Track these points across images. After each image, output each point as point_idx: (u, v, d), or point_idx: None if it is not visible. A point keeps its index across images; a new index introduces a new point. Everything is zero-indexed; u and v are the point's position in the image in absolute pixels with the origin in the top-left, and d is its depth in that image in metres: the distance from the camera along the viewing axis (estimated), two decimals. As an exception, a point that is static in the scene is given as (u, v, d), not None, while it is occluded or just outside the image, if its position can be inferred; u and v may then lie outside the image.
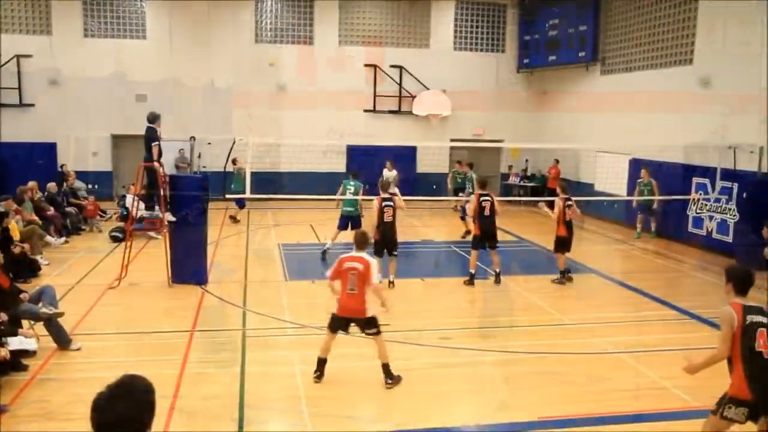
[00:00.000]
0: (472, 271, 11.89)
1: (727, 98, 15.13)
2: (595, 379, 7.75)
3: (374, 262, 7.43)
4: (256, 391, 7.16)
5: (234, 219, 17.98)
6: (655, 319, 10.28)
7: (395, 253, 11.66)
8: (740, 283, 5.22)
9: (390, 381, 7.29)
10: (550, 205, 12.47)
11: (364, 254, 7.45)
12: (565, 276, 12.16)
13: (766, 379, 4.91)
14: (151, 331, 9.10)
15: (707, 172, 14.85)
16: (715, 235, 15.25)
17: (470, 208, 12.22)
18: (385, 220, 11.43)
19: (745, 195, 13.89)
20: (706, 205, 15.44)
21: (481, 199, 11.85)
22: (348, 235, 11.44)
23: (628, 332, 9.60)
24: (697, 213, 15.84)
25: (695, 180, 15.70)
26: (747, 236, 13.83)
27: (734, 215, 14.59)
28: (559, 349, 8.72)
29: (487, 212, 11.78)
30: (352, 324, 7.37)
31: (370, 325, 7.30)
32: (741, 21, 14.92)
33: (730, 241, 14.68)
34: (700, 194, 15.32)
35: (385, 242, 11.48)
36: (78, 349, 8.15)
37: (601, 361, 8.40)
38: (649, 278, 12.82)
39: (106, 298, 10.67)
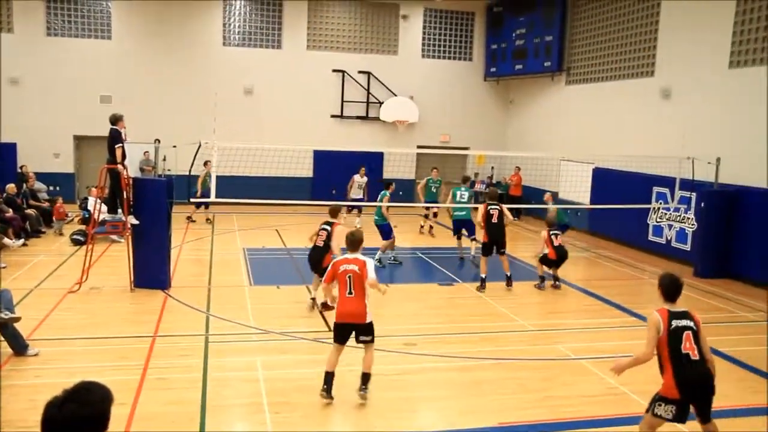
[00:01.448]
0: (483, 276, 12.13)
1: (687, 109, 15.53)
2: (557, 385, 7.85)
3: (370, 261, 7.19)
4: (218, 397, 7.09)
5: (190, 219, 17.89)
6: (615, 325, 10.47)
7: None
8: (668, 290, 5.59)
9: (364, 390, 7.09)
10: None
11: (358, 255, 7.24)
12: (544, 282, 12.59)
13: (693, 378, 5.29)
14: (111, 336, 8.96)
15: (667, 181, 15.18)
16: (674, 244, 15.61)
17: (479, 215, 12.52)
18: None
19: (702, 204, 14.23)
20: (665, 214, 15.80)
21: (490, 207, 12.22)
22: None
23: (590, 339, 9.77)
24: (657, 222, 16.20)
25: (656, 189, 16.05)
26: (705, 245, 14.21)
27: (692, 224, 14.94)
28: (521, 355, 8.83)
29: (495, 219, 12.11)
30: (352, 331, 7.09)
31: (367, 331, 7.07)
32: (701, 33, 15.33)
33: (689, 249, 15.04)
34: (661, 203, 15.66)
35: None
36: (35, 355, 7.98)
37: (563, 367, 8.53)
38: (611, 285, 13.06)
39: (66, 302, 10.47)
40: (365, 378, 7.12)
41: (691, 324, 5.41)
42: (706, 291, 12.91)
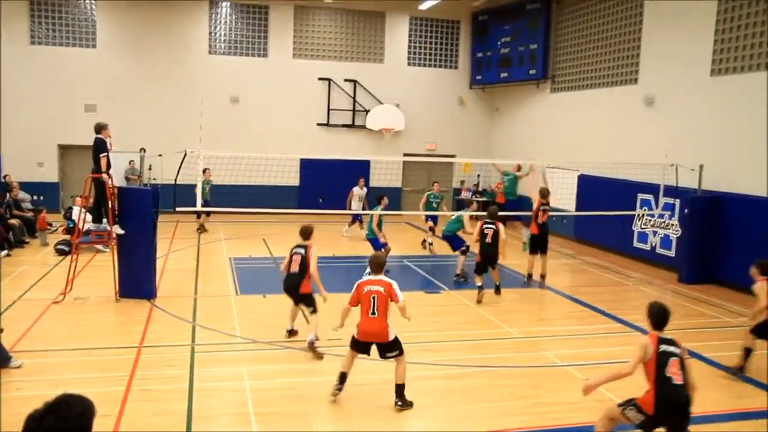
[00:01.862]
0: (479, 285, 12.00)
1: (670, 117, 15.69)
2: (545, 392, 7.88)
3: (395, 283, 7.36)
4: (204, 408, 7.06)
5: (202, 229, 18.00)
6: (601, 332, 10.53)
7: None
8: (657, 319, 5.83)
9: (400, 404, 7.18)
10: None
11: (382, 276, 7.40)
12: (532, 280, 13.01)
13: (671, 400, 5.51)
14: (96, 347, 8.89)
15: (651, 188, 15.31)
16: (659, 250, 15.72)
17: (474, 233, 12.53)
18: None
19: (686, 211, 14.36)
20: (650, 220, 15.92)
21: (484, 226, 12.18)
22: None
23: (576, 345, 9.81)
24: (642, 228, 16.32)
25: (640, 196, 16.18)
26: (689, 251, 14.33)
27: (677, 230, 15.06)
28: (509, 363, 8.86)
29: (489, 239, 12.05)
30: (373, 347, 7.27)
31: (392, 348, 7.20)
32: (683, 42, 15.51)
33: (673, 255, 15.16)
34: (645, 210, 15.79)
35: None
36: (18, 367, 7.89)
37: (550, 374, 8.56)
38: (597, 292, 13.13)
39: (50, 313, 10.37)
40: (399, 389, 7.21)
41: (678, 351, 5.63)
42: (691, 297, 13.02)
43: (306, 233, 9.28)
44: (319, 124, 22.99)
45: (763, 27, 13.54)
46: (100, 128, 11.22)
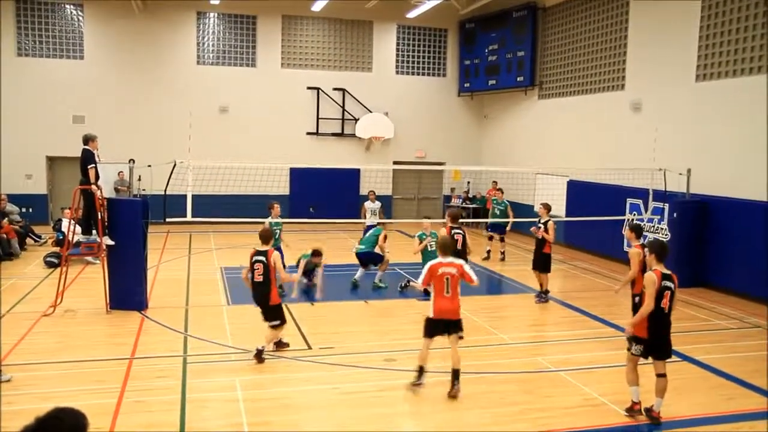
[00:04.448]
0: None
1: (657, 122, 15.81)
2: (537, 398, 7.89)
3: (467, 264, 7.99)
4: (197, 419, 7.02)
5: None
6: (593, 337, 10.56)
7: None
8: (660, 253, 7.12)
9: (457, 385, 7.76)
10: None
11: (453, 259, 7.92)
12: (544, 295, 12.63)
13: (659, 327, 6.98)
14: (87, 360, 8.83)
15: (640, 193, 15.40)
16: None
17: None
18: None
19: (675, 215, 14.46)
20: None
21: (453, 232, 11.44)
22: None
23: (568, 350, 9.83)
24: (631, 233, 16.37)
25: (629, 201, 16.27)
26: (679, 254, 14.41)
27: (666, 234, 15.15)
28: (501, 369, 8.87)
29: (459, 246, 11.21)
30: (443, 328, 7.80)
31: (458, 326, 7.84)
32: (668, 48, 15.66)
33: (663, 259, 15.21)
34: (635, 214, 15.87)
35: None
36: (8, 381, 7.82)
37: (543, 379, 8.57)
38: (588, 297, 13.18)
39: (40, 326, 10.30)
40: (456, 374, 7.78)
41: (672, 285, 7.00)
42: (681, 300, 13.00)
43: (266, 238, 9.04)
44: (308, 133, 23.01)
45: (746, 33, 13.71)
46: (87, 139, 11.19)
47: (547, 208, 12.96)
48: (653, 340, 6.99)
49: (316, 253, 12.44)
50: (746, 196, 13.42)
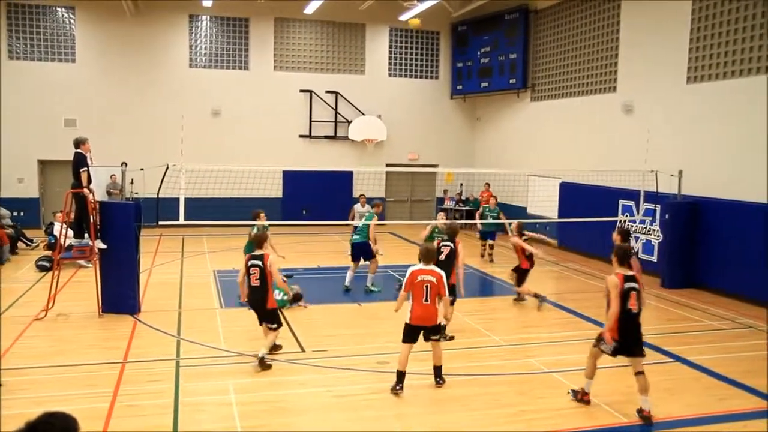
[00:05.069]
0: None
1: (648, 124, 15.88)
2: (530, 399, 7.91)
3: (444, 274, 8.03)
4: (190, 422, 7.00)
5: None
6: (586, 338, 10.49)
7: None
8: (622, 257, 7.30)
9: (441, 381, 8.10)
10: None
11: (434, 267, 8.02)
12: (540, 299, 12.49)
13: (629, 327, 7.14)
14: (80, 364, 8.78)
15: (632, 194, 15.47)
16: (641, 255, 15.81)
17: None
18: None
19: (667, 216, 14.53)
20: (632, 226, 16.05)
21: (442, 243, 10.88)
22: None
23: (561, 352, 9.85)
24: (623, 234, 16.43)
25: (621, 202, 16.34)
26: (671, 256, 14.48)
27: (658, 236, 15.23)
28: (494, 371, 8.88)
29: (443, 257, 10.56)
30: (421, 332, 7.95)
31: (435, 331, 8.03)
32: (659, 51, 15.74)
33: (655, 260, 15.30)
34: (627, 216, 15.93)
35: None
36: (0, 386, 7.79)
37: (536, 381, 8.59)
38: (581, 298, 13.21)
39: (32, 330, 10.25)
40: (437, 370, 8.11)
41: (636, 285, 7.16)
42: (673, 301, 13.15)
43: (260, 242, 9.06)
44: (301, 136, 23.00)
45: (736, 35, 13.80)
46: (79, 143, 11.15)
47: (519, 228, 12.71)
48: (624, 341, 7.15)
49: (297, 297, 12.03)
50: (738, 197, 13.49)
